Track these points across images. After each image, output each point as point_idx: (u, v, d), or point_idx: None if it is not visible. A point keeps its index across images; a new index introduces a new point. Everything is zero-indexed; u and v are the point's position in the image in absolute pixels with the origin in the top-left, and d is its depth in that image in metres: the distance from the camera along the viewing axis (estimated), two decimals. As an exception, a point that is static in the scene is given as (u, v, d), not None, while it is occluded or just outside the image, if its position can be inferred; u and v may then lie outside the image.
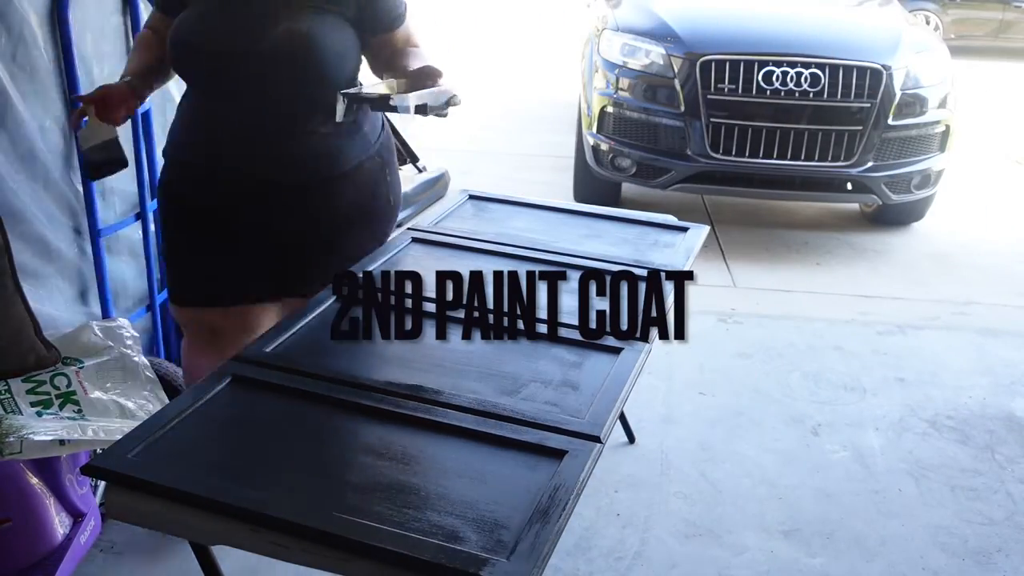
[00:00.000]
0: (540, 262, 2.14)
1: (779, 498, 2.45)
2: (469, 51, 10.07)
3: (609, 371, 1.68)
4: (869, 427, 2.81)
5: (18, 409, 1.98)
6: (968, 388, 3.08)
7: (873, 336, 3.45)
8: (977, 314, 3.75)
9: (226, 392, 1.54)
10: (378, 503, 1.28)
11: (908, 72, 4.24)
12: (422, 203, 4.46)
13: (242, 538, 1.28)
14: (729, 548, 2.25)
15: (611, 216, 2.51)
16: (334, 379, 1.58)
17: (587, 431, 1.47)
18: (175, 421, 1.43)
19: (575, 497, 1.32)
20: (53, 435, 1.89)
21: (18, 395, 2.00)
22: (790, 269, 4.21)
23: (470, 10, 13.05)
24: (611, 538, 2.26)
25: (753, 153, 4.21)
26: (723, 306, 3.69)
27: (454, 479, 1.35)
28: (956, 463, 2.65)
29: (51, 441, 1.88)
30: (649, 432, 2.72)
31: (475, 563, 1.16)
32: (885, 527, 2.35)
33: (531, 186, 5.03)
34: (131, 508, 1.34)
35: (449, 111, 1.88)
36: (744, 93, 4.17)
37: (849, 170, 4.22)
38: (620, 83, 4.45)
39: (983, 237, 4.73)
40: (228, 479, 1.31)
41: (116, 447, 1.36)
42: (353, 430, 1.47)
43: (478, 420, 1.49)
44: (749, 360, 3.22)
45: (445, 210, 2.45)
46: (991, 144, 6.61)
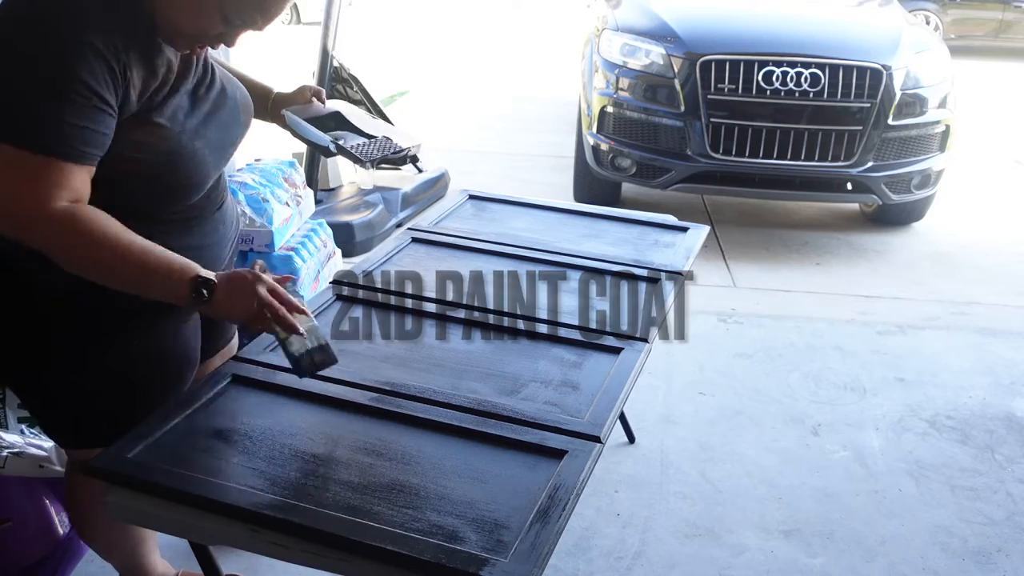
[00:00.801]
0: (540, 262, 2.14)
1: (779, 498, 2.45)
2: (469, 51, 10.08)
3: (609, 371, 1.68)
4: (869, 427, 2.81)
5: (5, 422, 1.98)
6: (968, 388, 3.08)
7: (873, 336, 3.45)
8: (977, 314, 3.75)
9: (226, 392, 1.54)
10: (378, 503, 1.28)
11: (908, 72, 4.24)
12: (422, 203, 4.47)
13: (242, 538, 1.28)
14: (729, 548, 2.25)
15: (611, 216, 2.51)
16: (334, 379, 1.58)
17: (587, 431, 1.48)
18: (175, 421, 1.43)
19: (575, 497, 1.32)
20: (36, 450, 1.93)
21: (10, 407, 2.00)
22: (790, 269, 4.21)
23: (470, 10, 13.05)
24: (611, 538, 2.26)
25: (753, 153, 4.21)
26: (723, 306, 3.68)
27: (454, 479, 1.35)
28: (956, 463, 2.65)
29: (32, 463, 1.92)
30: (649, 432, 2.72)
31: (475, 563, 1.16)
32: (885, 527, 2.35)
33: (531, 186, 5.04)
34: (131, 508, 1.34)
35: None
36: (744, 93, 4.17)
37: (849, 170, 4.22)
38: (620, 83, 4.45)
39: (983, 237, 4.73)
40: (228, 479, 1.31)
41: (116, 447, 1.36)
42: (353, 430, 1.47)
43: (478, 420, 1.49)
44: (749, 360, 3.22)
45: (445, 210, 2.45)
46: (991, 144, 6.61)
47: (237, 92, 1.57)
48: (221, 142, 1.51)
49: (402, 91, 5.30)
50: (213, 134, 1.48)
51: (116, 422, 1.46)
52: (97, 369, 1.50)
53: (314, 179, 3.95)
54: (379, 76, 5.65)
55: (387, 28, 10.85)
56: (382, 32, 10.39)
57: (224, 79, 1.55)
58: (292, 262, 2.79)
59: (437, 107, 7.02)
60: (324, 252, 3.06)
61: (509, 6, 13.92)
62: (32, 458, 1.91)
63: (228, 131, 1.53)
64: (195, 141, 1.43)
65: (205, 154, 1.45)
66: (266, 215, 2.74)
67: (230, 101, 1.53)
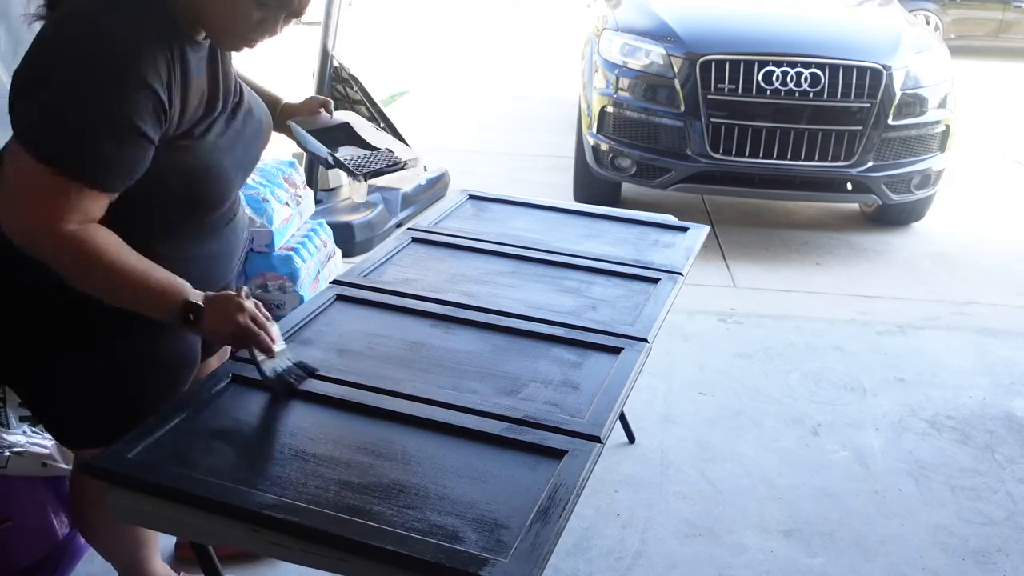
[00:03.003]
0: (540, 262, 2.14)
1: (779, 498, 2.45)
2: (469, 51, 10.07)
3: (609, 371, 1.68)
4: (869, 427, 2.81)
5: (7, 422, 1.98)
6: (968, 388, 3.08)
7: (873, 336, 3.45)
8: (977, 314, 3.75)
9: (226, 392, 1.54)
10: (378, 503, 1.28)
11: (908, 72, 4.24)
12: (422, 203, 4.47)
13: (242, 538, 1.29)
14: (729, 548, 2.25)
15: (611, 216, 2.51)
16: (334, 379, 1.58)
17: (587, 431, 1.48)
18: (175, 421, 1.43)
19: (575, 497, 1.32)
20: (39, 448, 1.92)
21: (11, 407, 2.00)
22: (790, 269, 4.21)
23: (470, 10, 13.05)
24: (611, 538, 2.26)
25: (753, 153, 4.21)
26: (723, 306, 3.68)
27: (454, 479, 1.35)
28: (956, 463, 2.65)
29: (35, 462, 1.91)
30: (649, 432, 2.72)
31: (475, 563, 1.16)
32: (885, 527, 2.35)
33: (531, 186, 5.03)
34: (131, 508, 1.35)
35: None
36: (744, 93, 4.17)
37: (849, 170, 4.22)
38: (620, 83, 4.45)
39: (983, 237, 4.73)
40: (228, 479, 1.31)
41: (116, 447, 1.36)
42: (353, 430, 1.47)
43: (478, 420, 1.49)
44: (749, 360, 3.22)
45: (445, 210, 2.45)
46: (991, 144, 6.61)
47: (261, 110, 1.63)
48: (246, 159, 1.58)
49: (402, 91, 5.30)
50: (240, 152, 1.54)
51: (120, 422, 1.47)
52: (99, 369, 1.52)
53: (314, 179, 3.95)
54: (379, 76, 5.65)
55: (387, 28, 10.85)
56: (382, 32, 10.39)
57: (251, 98, 1.60)
58: (292, 262, 2.79)
59: (437, 107, 7.02)
60: (324, 252, 3.06)
61: (509, 6, 13.92)
62: (35, 456, 1.91)
63: (252, 148, 1.59)
64: (224, 159, 1.48)
65: (232, 171, 1.52)
66: (266, 215, 2.74)
67: (256, 120, 1.59)
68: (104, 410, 1.55)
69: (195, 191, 1.46)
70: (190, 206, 1.48)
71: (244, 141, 1.55)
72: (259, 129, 1.60)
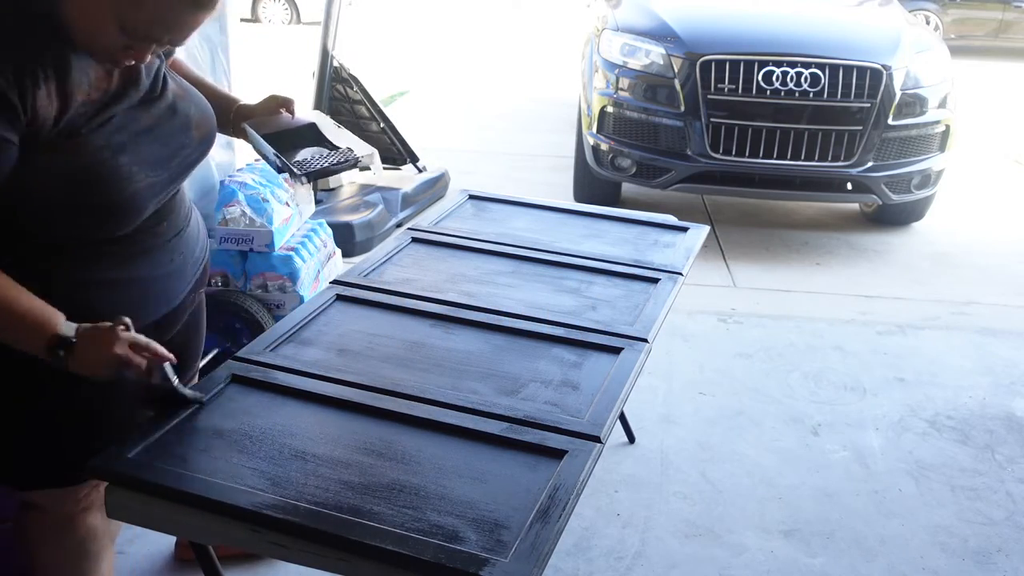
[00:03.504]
0: (540, 262, 2.14)
1: (779, 498, 2.45)
2: (469, 51, 10.08)
3: (609, 371, 1.68)
4: (869, 427, 2.81)
5: None
6: (968, 388, 3.08)
7: (873, 336, 3.45)
8: (977, 314, 3.75)
9: (226, 392, 1.54)
10: (378, 503, 1.28)
11: (908, 72, 4.24)
12: (422, 203, 4.47)
13: (242, 538, 1.28)
14: (729, 548, 2.25)
15: (611, 216, 2.52)
16: (334, 379, 1.58)
17: (587, 431, 1.48)
18: (175, 421, 1.43)
19: (575, 497, 1.32)
20: None
21: None
22: (790, 269, 4.21)
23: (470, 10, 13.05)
24: (611, 538, 2.26)
25: (753, 153, 4.21)
26: (723, 306, 3.68)
27: (454, 479, 1.35)
28: (956, 463, 2.65)
29: None
30: (649, 432, 2.72)
31: (475, 563, 1.16)
32: (885, 527, 2.35)
33: (531, 186, 5.03)
34: (131, 508, 1.35)
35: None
36: (744, 93, 4.17)
37: (849, 170, 4.22)
38: (620, 83, 4.45)
39: (983, 237, 4.73)
40: (228, 479, 1.31)
41: (116, 447, 1.36)
42: (353, 430, 1.47)
43: (478, 420, 1.49)
44: (749, 360, 3.22)
45: (445, 210, 2.45)
46: (991, 144, 6.61)
47: (191, 107, 1.49)
48: (158, 158, 1.41)
49: (402, 91, 5.30)
50: (147, 150, 1.38)
51: (69, 461, 1.40)
52: (48, 411, 1.44)
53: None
54: (379, 76, 5.65)
55: (387, 28, 10.85)
56: (382, 32, 10.39)
57: (177, 94, 1.47)
58: (292, 262, 2.78)
59: (437, 107, 7.02)
60: (324, 252, 3.06)
61: (509, 6, 13.92)
62: None
63: (168, 147, 1.43)
64: (119, 156, 1.33)
65: (133, 171, 1.35)
66: (266, 215, 2.74)
67: (179, 116, 1.46)
68: (54, 451, 1.45)
69: (85, 195, 1.31)
70: (89, 215, 1.33)
71: (158, 139, 1.41)
72: (184, 127, 1.46)
